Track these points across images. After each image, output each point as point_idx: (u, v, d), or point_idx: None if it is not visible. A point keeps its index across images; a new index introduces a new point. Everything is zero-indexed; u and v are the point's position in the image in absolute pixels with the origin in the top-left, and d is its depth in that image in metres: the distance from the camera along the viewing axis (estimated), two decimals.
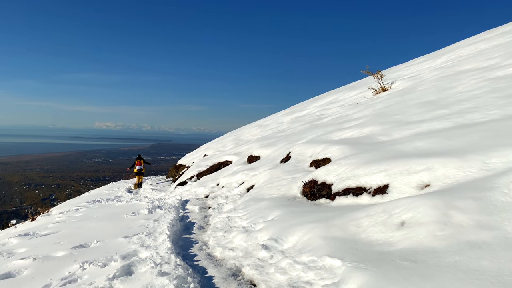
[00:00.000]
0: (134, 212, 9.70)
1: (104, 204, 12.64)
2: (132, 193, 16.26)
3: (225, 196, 9.65)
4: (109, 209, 11.20)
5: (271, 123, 22.25)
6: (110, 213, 10.37)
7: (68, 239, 7.33)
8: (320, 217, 5.32)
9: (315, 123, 14.37)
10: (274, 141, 13.08)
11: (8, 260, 6.27)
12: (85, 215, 10.48)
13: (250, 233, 5.81)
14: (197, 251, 6.08)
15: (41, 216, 13.02)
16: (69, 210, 12.04)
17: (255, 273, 4.53)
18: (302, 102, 29.43)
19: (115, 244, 6.58)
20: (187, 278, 4.35)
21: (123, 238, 6.90)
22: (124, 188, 18.25)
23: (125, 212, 9.89)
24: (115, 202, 12.84)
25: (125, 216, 9.37)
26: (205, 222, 8.18)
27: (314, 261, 4.17)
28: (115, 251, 6.01)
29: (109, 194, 16.15)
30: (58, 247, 6.73)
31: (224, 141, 22.59)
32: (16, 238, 8.04)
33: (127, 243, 6.57)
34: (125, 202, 12.50)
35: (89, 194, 19.39)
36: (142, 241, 6.47)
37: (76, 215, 10.69)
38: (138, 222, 8.40)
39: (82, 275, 5.09)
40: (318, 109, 19.03)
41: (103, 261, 5.48)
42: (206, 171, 14.69)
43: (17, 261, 6.08)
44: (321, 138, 9.59)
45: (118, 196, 14.81)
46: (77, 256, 6.00)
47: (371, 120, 9.21)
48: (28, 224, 11.83)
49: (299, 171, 8.12)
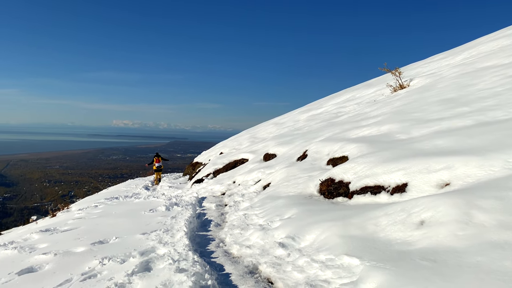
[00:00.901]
0: (152, 209, 9.81)
1: (122, 201, 12.82)
2: (150, 190, 16.46)
3: (241, 193, 9.67)
4: (127, 206, 11.35)
5: (287, 121, 22.20)
6: (128, 209, 10.51)
7: (87, 235, 7.45)
8: (338, 215, 5.28)
9: (332, 121, 14.28)
10: (291, 139, 13.04)
11: (30, 255, 6.41)
12: (103, 211, 10.65)
13: (267, 231, 5.82)
14: (214, 248, 6.11)
15: (61, 212, 13.29)
16: (88, 206, 12.24)
17: (272, 271, 4.53)
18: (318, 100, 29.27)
19: (133, 241, 6.67)
20: (205, 275, 4.38)
21: (141, 235, 6.98)
22: (142, 185, 18.49)
23: (143, 209, 10.01)
24: (133, 199, 13.01)
25: (143, 213, 9.48)
26: (221, 220, 8.22)
27: (332, 259, 4.15)
28: (133, 248, 6.09)
29: (127, 191, 16.37)
30: (78, 243, 6.85)
31: (240, 139, 22.64)
32: (37, 234, 8.21)
33: (145, 239, 6.65)
34: (143, 199, 12.65)
35: (107, 191, 19.68)
36: (160, 237, 6.53)
37: (95, 211, 10.86)
38: (155, 219, 8.49)
39: (101, 270, 5.17)
40: (335, 106, 18.90)
41: (122, 257, 5.56)
42: (222, 169, 14.76)
43: (39, 256, 6.21)
44: (338, 136, 9.51)
45: (136, 193, 15.01)
46: (96, 252, 6.10)
47: (390, 118, 9.10)
48: (48, 220, 12.09)
49: (316, 169, 8.08)
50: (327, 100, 25.27)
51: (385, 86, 16.06)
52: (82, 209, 11.72)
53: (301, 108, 28.13)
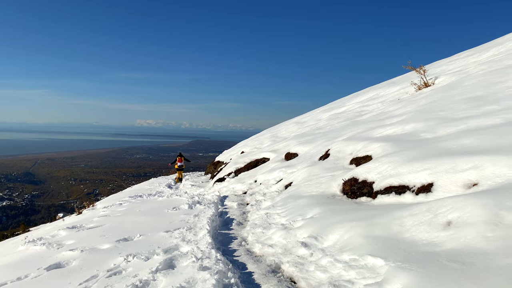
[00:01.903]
0: (175, 207, 9.92)
1: (146, 199, 13.01)
2: (172, 189, 16.66)
3: (263, 193, 9.67)
4: (151, 204, 11.52)
5: (309, 120, 22.08)
6: (151, 207, 10.67)
7: (112, 232, 7.59)
8: (361, 215, 5.22)
9: (355, 119, 14.12)
10: (312, 138, 12.96)
11: (58, 251, 6.58)
12: (128, 209, 10.84)
13: (289, 230, 5.80)
14: (236, 246, 6.13)
15: (86, 210, 13.60)
16: (113, 204, 12.48)
17: (295, 270, 4.52)
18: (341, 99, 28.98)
19: (157, 238, 6.75)
20: (228, 273, 4.40)
21: (165, 233, 7.06)
22: (165, 184, 18.74)
23: (166, 207, 10.13)
24: (156, 197, 13.20)
25: (166, 211, 9.60)
26: (243, 218, 8.25)
27: (356, 260, 4.10)
28: (157, 245, 6.17)
29: (150, 190, 16.61)
30: (103, 240, 6.99)
31: (261, 138, 22.65)
32: (64, 231, 8.43)
33: (169, 237, 6.72)
34: (166, 197, 12.81)
35: (131, 189, 20.02)
36: (183, 235, 6.60)
37: (119, 209, 11.06)
38: (178, 217, 8.58)
39: (126, 267, 5.26)
40: (358, 105, 18.67)
41: (146, 254, 5.65)
42: (243, 168, 14.80)
43: (66, 252, 6.37)
44: (361, 135, 9.39)
45: (159, 192, 15.21)
46: (121, 249, 6.21)
47: (414, 117, 8.93)
48: (75, 217, 12.39)
49: (338, 168, 8.00)
50: (349, 98, 25.00)
51: (409, 84, 15.76)
52: (107, 207, 11.95)
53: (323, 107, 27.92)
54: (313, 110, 29.59)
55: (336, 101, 29.25)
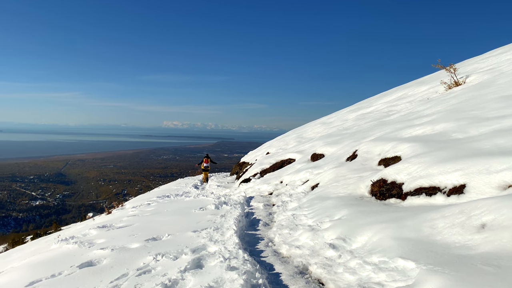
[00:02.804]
0: (202, 208, 10.02)
1: (173, 199, 13.20)
2: (199, 189, 16.84)
3: (289, 194, 9.64)
4: (178, 204, 11.67)
5: (335, 121, 21.87)
6: (179, 208, 10.81)
7: (141, 232, 7.73)
8: (391, 217, 5.13)
9: (383, 120, 13.89)
10: (339, 139, 12.83)
11: (89, 250, 6.75)
12: (156, 209, 11.02)
13: (317, 232, 5.76)
14: (263, 247, 6.14)
15: (116, 209, 13.92)
16: (141, 204, 12.72)
17: (323, 272, 4.48)
18: (368, 98, 28.56)
19: (185, 238, 6.83)
20: (256, 273, 4.41)
21: (192, 232, 7.14)
22: (191, 184, 18.97)
23: (193, 207, 10.25)
24: (183, 198, 13.36)
25: (193, 211, 9.70)
26: (270, 219, 8.24)
27: (386, 262, 4.04)
28: (185, 245, 6.24)
29: (177, 190, 16.84)
30: (132, 239, 7.13)
31: (286, 139, 22.59)
32: (95, 230, 8.64)
33: (196, 237, 6.80)
34: (193, 198, 12.96)
35: (158, 189, 20.36)
36: (210, 235, 6.66)
37: (148, 209, 11.26)
38: (205, 217, 8.66)
39: (155, 266, 5.34)
40: (386, 105, 18.35)
41: (174, 253, 5.72)
42: (269, 169, 14.80)
43: (97, 251, 6.53)
44: (389, 135, 9.23)
45: (186, 192, 15.40)
46: (150, 248, 6.31)
47: (445, 116, 8.71)
48: (104, 217, 12.69)
49: (366, 169, 7.89)
50: (377, 98, 24.60)
51: (439, 84, 15.38)
52: (136, 207, 12.19)
53: (349, 107, 27.60)
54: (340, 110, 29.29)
55: (363, 101, 28.86)
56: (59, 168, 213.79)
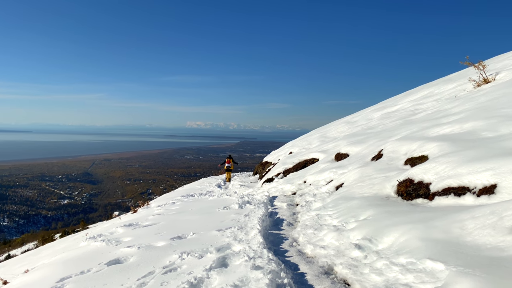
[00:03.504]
0: (226, 207, 10.07)
1: (197, 198, 13.33)
2: (222, 188, 16.96)
3: (313, 193, 9.58)
4: (202, 203, 11.77)
5: (359, 120, 21.60)
6: (203, 207, 10.91)
7: (166, 231, 7.84)
8: (418, 217, 5.03)
9: (409, 118, 13.63)
10: (364, 138, 12.66)
11: (117, 248, 6.89)
12: (180, 208, 11.15)
13: (342, 232, 5.70)
14: (287, 247, 6.12)
15: (141, 208, 14.16)
16: (166, 203, 12.90)
17: (348, 273, 4.44)
18: (393, 97, 28.08)
19: (209, 237, 6.89)
20: (281, 273, 4.40)
21: (217, 231, 7.19)
22: (215, 184, 19.12)
23: (217, 206, 10.32)
24: (207, 197, 13.48)
25: (217, 210, 9.77)
26: (293, 219, 8.22)
27: (413, 263, 3.96)
28: (210, 244, 6.29)
29: (201, 189, 17.00)
30: (158, 238, 7.24)
31: (309, 138, 22.46)
32: (122, 228, 8.81)
33: (221, 236, 6.84)
34: (216, 197, 13.05)
35: (182, 189, 20.60)
36: (235, 234, 6.69)
37: (172, 208, 11.41)
38: (229, 216, 8.70)
39: (181, 264, 5.41)
40: (412, 103, 18.00)
41: (199, 252, 5.78)
42: (292, 169, 14.75)
43: (124, 248, 6.66)
44: (416, 134, 9.05)
45: (210, 191, 15.53)
46: (175, 247, 6.39)
47: (474, 115, 8.47)
48: (130, 216, 12.93)
49: (392, 169, 7.76)
50: (402, 97, 24.16)
51: (467, 81, 14.97)
52: (161, 206, 12.37)
53: (374, 106, 27.20)
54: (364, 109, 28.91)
55: (387, 99, 28.39)
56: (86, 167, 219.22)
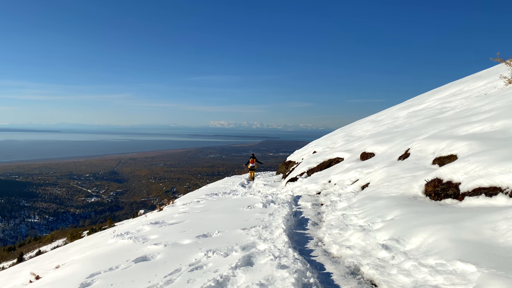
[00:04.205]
0: (250, 206, 10.10)
1: (221, 197, 13.42)
2: (246, 187, 17.03)
3: (338, 193, 9.50)
4: (226, 202, 11.85)
5: (385, 118, 21.26)
6: (227, 205, 10.97)
7: (192, 229, 7.93)
8: (447, 218, 4.92)
9: (436, 117, 13.33)
10: (390, 137, 12.46)
11: (144, 245, 7.02)
12: (205, 207, 11.25)
13: (368, 232, 5.63)
14: (312, 247, 6.09)
15: (167, 207, 14.36)
16: (191, 202, 13.05)
17: (375, 273, 4.38)
18: (420, 95, 27.51)
19: (234, 235, 6.93)
20: (306, 272, 4.38)
21: (241, 230, 7.22)
22: (238, 183, 19.21)
23: (241, 205, 10.36)
24: (231, 196, 13.55)
25: (241, 209, 9.81)
26: (318, 219, 8.17)
27: (443, 264, 3.88)
28: (235, 242, 6.33)
29: (225, 188, 17.11)
30: (184, 236, 7.32)
31: (334, 137, 22.26)
32: (148, 226, 8.96)
33: (245, 234, 6.87)
34: (240, 196, 13.10)
35: (206, 187, 20.78)
36: (260, 233, 6.70)
37: (197, 206, 11.53)
38: (254, 215, 8.72)
39: (207, 262, 5.46)
40: (439, 102, 17.59)
41: (225, 250, 5.82)
42: (316, 168, 14.65)
43: (151, 246, 6.77)
44: (444, 133, 8.84)
45: (233, 190, 15.61)
46: (201, 245, 6.45)
47: (505, 113, 8.21)
48: (156, 214, 13.14)
49: (420, 169, 7.61)
50: (429, 95, 23.64)
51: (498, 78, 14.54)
52: (186, 204, 12.51)
53: (400, 104, 26.71)
54: (389, 107, 28.44)
55: (414, 98, 27.84)
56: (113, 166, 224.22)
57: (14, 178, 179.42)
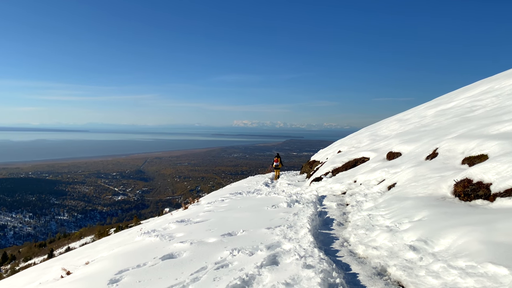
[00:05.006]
0: (274, 205, 10.10)
1: (245, 196, 13.47)
2: (269, 187, 17.02)
3: (363, 193, 9.38)
4: (250, 201, 11.88)
5: (412, 117, 20.85)
6: (251, 204, 11.00)
7: (217, 227, 7.99)
8: (478, 219, 4.79)
9: (466, 116, 12.99)
10: (417, 137, 12.22)
11: (170, 243, 7.12)
12: (229, 205, 11.32)
13: (395, 233, 5.55)
14: (338, 247, 6.04)
15: (192, 205, 14.51)
16: (215, 200, 13.14)
17: (403, 274, 4.31)
18: (448, 93, 26.83)
19: (259, 234, 6.94)
20: (332, 273, 4.36)
21: (266, 229, 7.23)
22: (262, 182, 19.22)
23: (265, 205, 10.37)
24: (255, 195, 13.58)
25: (266, 208, 9.81)
26: (344, 219, 8.09)
27: (473, 267, 3.79)
28: (260, 241, 6.34)
29: (248, 187, 17.16)
30: (209, 234, 7.39)
31: (359, 137, 21.98)
32: (174, 224, 9.08)
33: (270, 234, 6.87)
34: (264, 195, 13.11)
35: (230, 186, 20.89)
36: (284, 233, 6.69)
37: (222, 205, 11.61)
38: (278, 215, 8.72)
39: (232, 261, 5.50)
40: (469, 100, 17.12)
41: (250, 249, 5.84)
42: (341, 168, 14.51)
43: (177, 244, 6.86)
44: (474, 132, 8.61)
45: (257, 189, 15.63)
46: (226, 243, 6.50)
47: None
48: (182, 212, 13.29)
49: (448, 169, 7.43)
50: (458, 93, 23.04)
51: None
52: (210, 203, 12.62)
53: (427, 103, 26.13)
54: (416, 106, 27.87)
55: (442, 96, 27.18)
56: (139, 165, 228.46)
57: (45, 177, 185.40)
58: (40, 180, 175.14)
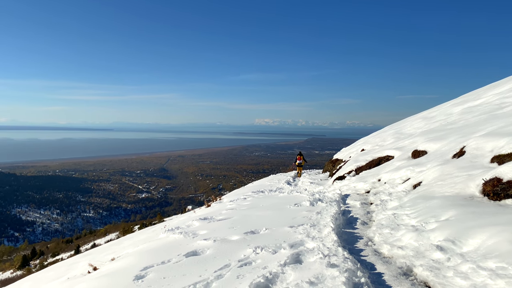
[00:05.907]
0: (297, 204, 10.06)
1: (267, 195, 13.47)
2: (292, 185, 16.98)
3: (388, 192, 9.24)
4: (273, 200, 11.87)
5: (437, 115, 20.40)
6: (274, 203, 10.99)
7: (240, 225, 8.03)
8: (508, 219, 4.65)
9: (494, 113, 12.60)
10: (443, 135, 11.94)
11: (193, 240, 7.19)
12: (252, 204, 11.34)
13: (421, 233, 5.44)
14: (362, 246, 5.98)
15: (214, 203, 14.62)
16: (237, 198, 13.20)
17: (429, 275, 4.23)
18: (475, 90, 26.11)
19: (282, 233, 6.93)
20: (357, 272, 4.31)
21: (289, 228, 7.21)
22: (284, 180, 19.18)
23: (288, 203, 10.34)
24: (277, 193, 13.57)
25: (288, 207, 9.79)
26: (368, 218, 7.99)
27: (504, 268, 3.68)
28: (283, 240, 6.33)
29: (271, 186, 17.16)
30: (232, 232, 7.43)
31: (383, 135, 21.66)
32: (197, 221, 9.17)
33: (293, 232, 6.85)
34: (287, 194, 13.08)
35: (252, 185, 20.94)
36: (308, 232, 6.66)
37: (244, 203, 11.65)
38: (301, 213, 8.68)
39: (255, 259, 5.51)
40: (498, 97, 16.61)
41: (273, 247, 5.84)
42: (365, 166, 14.33)
43: (201, 241, 6.92)
44: (503, 130, 8.34)
45: (279, 188, 15.61)
46: (249, 241, 6.52)
47: None
48: (204, 210, 13.41)
49: (476, 167, 7.23)
50: (486, 90, 22.39)
51: None
52: (233, 201, 12.67)
53: (454, 100, 25.51)
54: (442, 104, 27.24)
55: (469, 93, 26.47)
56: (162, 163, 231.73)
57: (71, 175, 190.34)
58: (67, 178, 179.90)
